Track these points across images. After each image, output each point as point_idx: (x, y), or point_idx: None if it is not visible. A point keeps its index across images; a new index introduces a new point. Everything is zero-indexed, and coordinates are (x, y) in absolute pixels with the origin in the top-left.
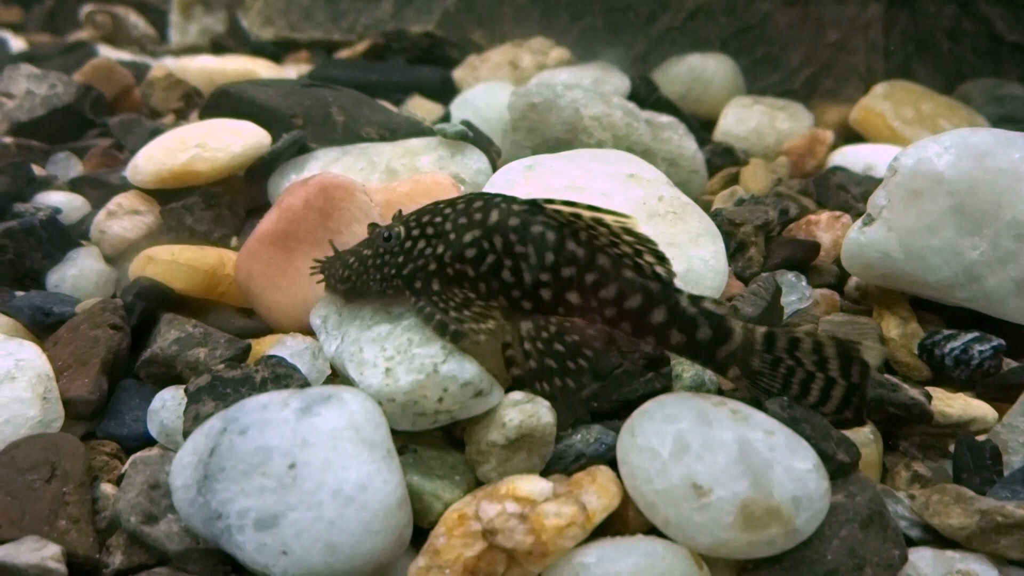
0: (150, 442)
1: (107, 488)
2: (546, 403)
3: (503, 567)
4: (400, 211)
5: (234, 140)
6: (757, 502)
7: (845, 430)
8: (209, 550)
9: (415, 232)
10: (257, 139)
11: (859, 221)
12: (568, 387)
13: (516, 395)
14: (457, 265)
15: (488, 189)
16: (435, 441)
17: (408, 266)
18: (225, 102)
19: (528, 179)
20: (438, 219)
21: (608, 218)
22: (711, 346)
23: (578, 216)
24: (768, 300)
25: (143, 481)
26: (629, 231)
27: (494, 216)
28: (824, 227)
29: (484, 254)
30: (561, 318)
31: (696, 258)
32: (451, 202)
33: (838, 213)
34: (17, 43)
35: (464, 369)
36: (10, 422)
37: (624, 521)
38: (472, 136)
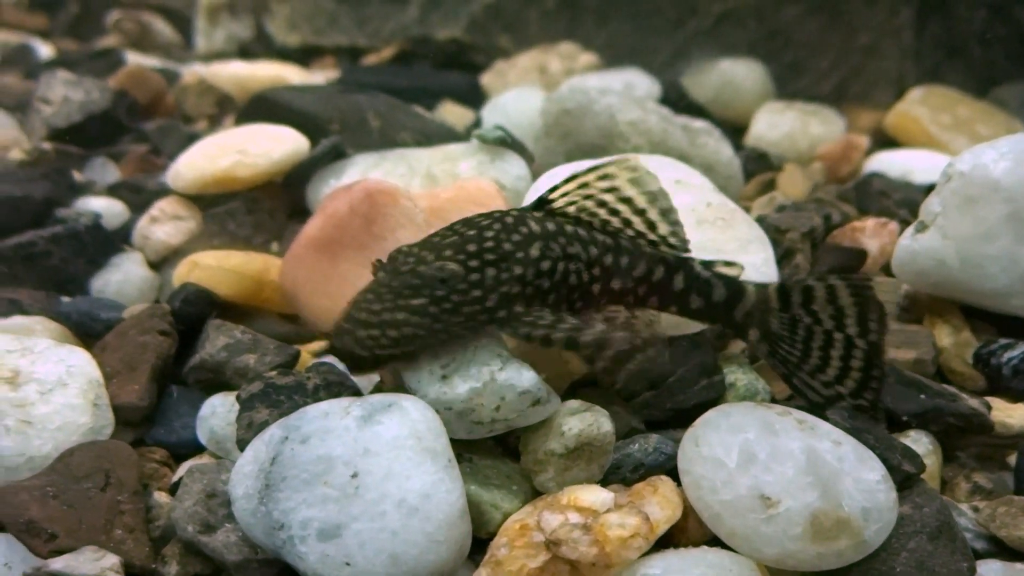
0: (199, 449)
1: (160, 496)
2: (605, 412)
3: None
4: (379, 260)
5: (274, 146)
6: (827, 513)
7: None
8: (267, 560)
9: (474, 263)
10: (297, 145)
11: (911, 228)
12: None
13: (574, 403)
14: (536, 281)
15: (533, 195)
16: (489, 450)
17: (491, 297)
18: (262, 108)
19: None
20: (489, 243)
21: (613, 170)
22: (728, 307)
23: (586, 188)
24: None
25: (200, 490)
26: (634, 174)
27: (536, 226)
28: (870, 234)
29: (555, 263)
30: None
31: (747, 265)
32: (479, 225)
33: (884, 220)
34: (45, 49)
35: (522, 377)
36: (62, 429)
37: (683, 532)
38: (511, 141)
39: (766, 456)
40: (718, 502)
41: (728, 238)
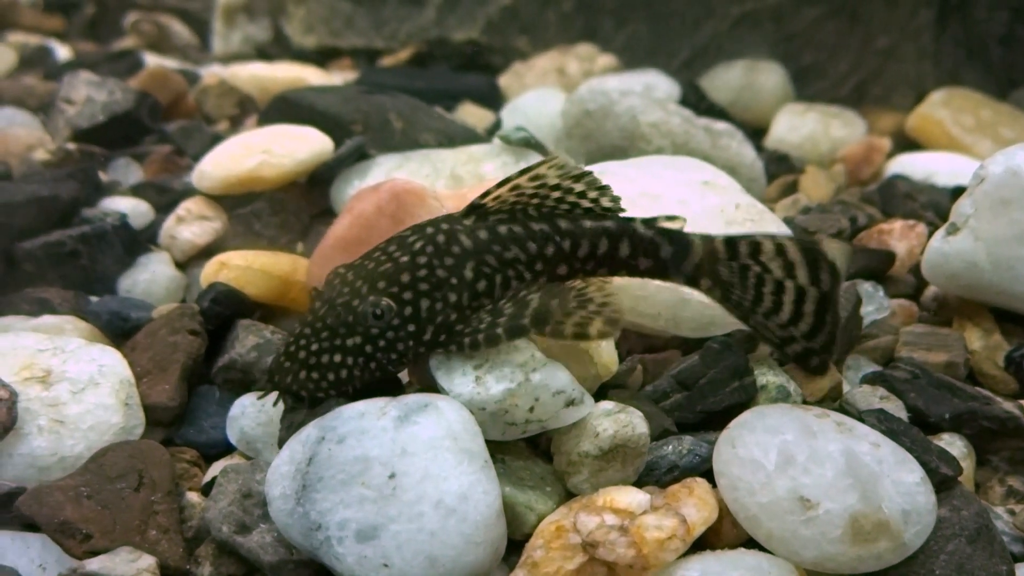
0: (229, 449)
1: (192, 497)
2: (639, 412)
3: None
4: (315, 289)
5: (299, 146)
6: (867, 516)
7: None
8: (303, 561)
9: (408, 296)
10: (321, 145)
11: (942, 230)
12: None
13: (608, 404)
14: (474, 303)
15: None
16: (521, 451)
17: (428, 330)
18: (284, 108)
19: None
20: (422, 272)
21: (543, 171)
22: (676, 262)
23: (518, 189)
24: (850, 310)
25: (235, 490)
26: (561, 171)
27: (468, 240)
28: (898, 236)
29: (491, 279)
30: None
31: None
32: (412, 249)
33: (912, 222)
34: (62, 51)
35: (556, 378)
36: (94, 428)
37: (717, 535)
38: (534, 142)
39: (805, 458)
40: (756, 504)
41: None
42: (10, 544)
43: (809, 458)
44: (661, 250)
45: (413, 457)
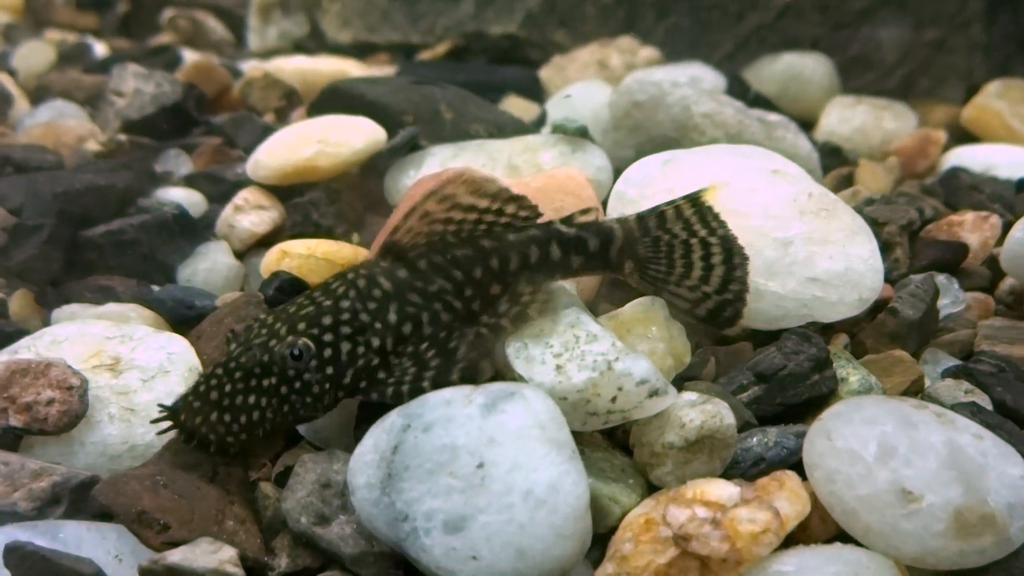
0: (296, 439)
1: (265, 487)
2: (725, 403)
3: (695, 575)
4: (232, 331)
5: (354, 135)
6: (971, 509)
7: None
8: (384, 553)
9: (328, 338)
10: (375, 135)
11: (1022, 221)
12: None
13: (691, 395)
14: (398, 348)
15: (622, 186)
16: (599, 443)
17: (347, 374)
18: (334, 99)
19: (666, 174)
20: (345, 315)
21: (451, 190)
22: (603, 252)
23: (428, 216)
24: (927, 303)
25: (314, 480)
26: (472, 188)
27: (387, 282)
28: (970, 228)
29: (416, 318)
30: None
31: (855, 257)
32: (335, 294)
33: (984, 214)
34: (100, 47)
35: (639, 367)
36: None
37: (805, 529)
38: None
39: (906, 449)
40: (854, 497)
41: (834, 228)
42: (86, 534)
43: (911, 449)
44: (589, 244)
45: (501, 446)
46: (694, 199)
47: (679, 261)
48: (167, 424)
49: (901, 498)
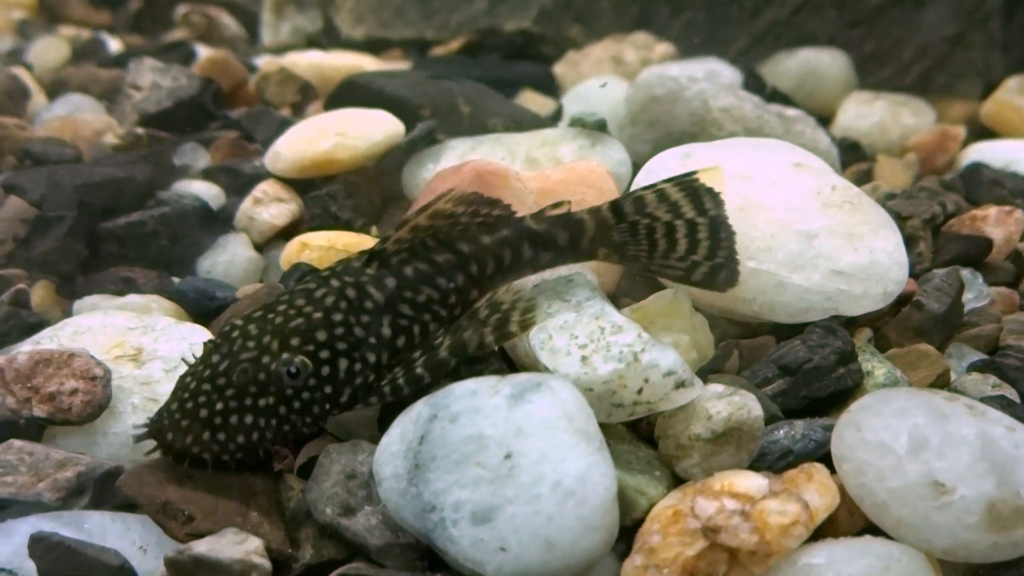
0: (320, 430)
1: (289, 478)
2: (752, 395)
3: (724, 567)
4: (211, 341)
5: (373, 128)
6: (1005, 501)
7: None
8: (410, 544)
9: (325, 355)
10: (394, 128)
11: None
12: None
13: (718, 387)
14: (392, 361)
15: (643, 178)
16: (623, 435)
17: (344, 391)
18: (352, 93)
19: (687, 167)
20: (339, 330)
21: (440, 206)
22: (574, 244)
23: (409, 224)
24: (952, 296)
25: (339, 471)
26: (449, 200)
27: (377, 292)
28: (993, 222)
29: (409, 330)
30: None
31: (880, 250)
32: (324, 304)
33: (1008, 208)
34: (114, 44)
35: (666, 358)
36: None
37: (832, 523)
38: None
39: (938, 442)
40: (885, 490)
41: (858, 222)
42: (111, 525)
43: (943, 442)
44: (558, 239)
45: (530, 437)
46: (685, 182)
47: (661, 240)
48: (152, 444)
49: (933, 491)
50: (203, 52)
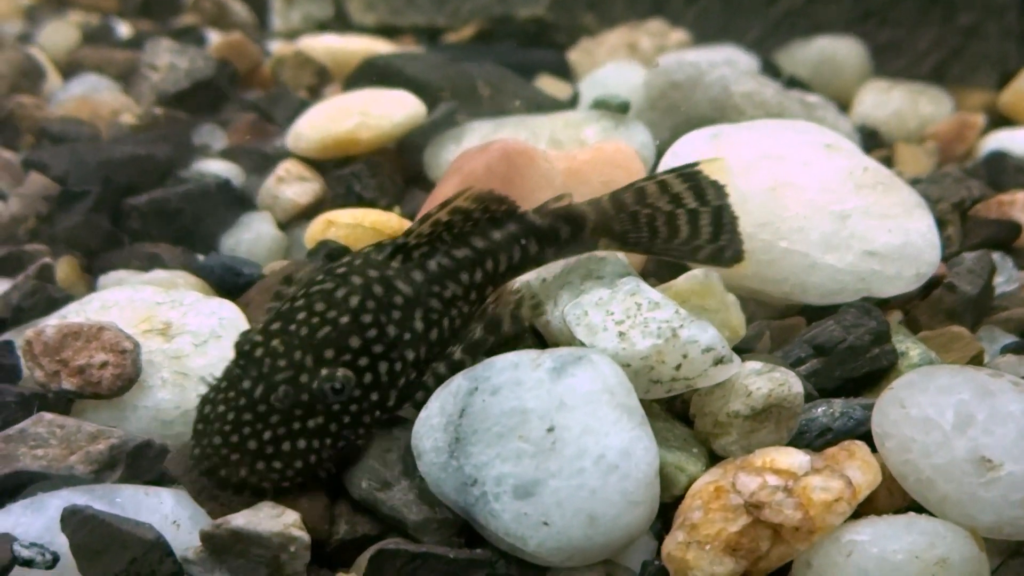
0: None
1: None
2: (792, 371)
3: (767, 544)
4: (227, 365)
5: (396, 108)
6: None
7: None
8: (447, 520)
9: (363, 362)
10: (416, 108)
11: None
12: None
13: (756, 364)
14: (428, 356)
15: (669, 159)
16: (658, 412)
17: (391, 394)
18: (372, 74)
19: (716, 148)
20: (372, 332)
21: (459, 203)
22: (575, 236)
23: (431, 219)
24: (984, 279)
25: (375, 445)
26: (467, 198)
27: (406, 286)
28: (1021, 208)
29: (440, 324)
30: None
31: (914, 231)
32: (348, 306)
33: None
34: (123, 28)
35: (705, 334)
36: None
37: (871, 501)
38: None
39: (985, 417)
40: (930, 466)
41: (892, 203)
42: (144, 499)
43: (989, 417)
44: (561, 233)
45: (572, 410)
46: (688, 173)
47: (663, 228)
48: (210, 481)
49: (980, 467)
50: (213, 38)
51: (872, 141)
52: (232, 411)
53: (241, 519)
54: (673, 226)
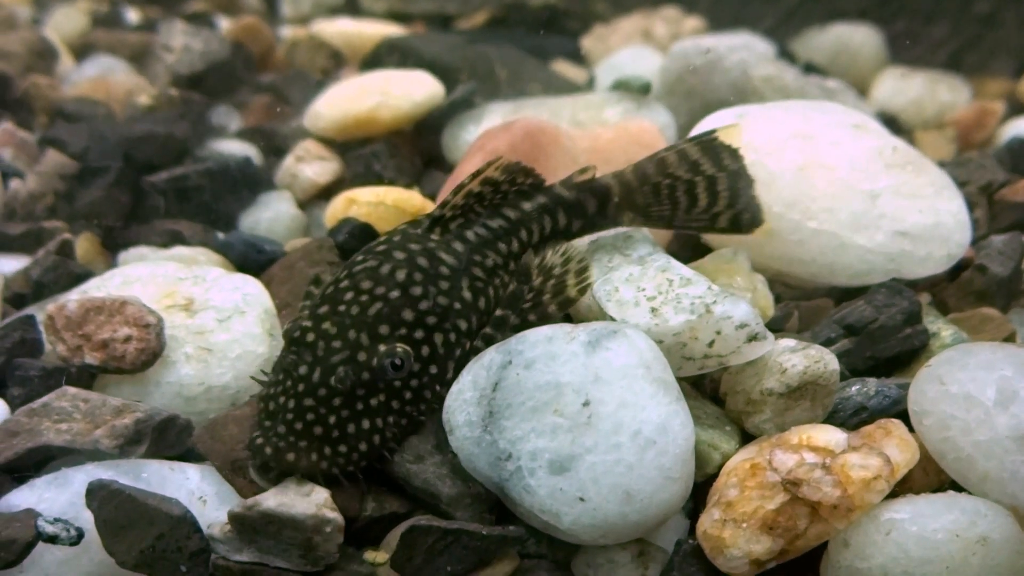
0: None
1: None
2: (827, 348)
3: (805, 522)
4: (280, 357)
5: (416, 88)
6: None
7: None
8: (479, 495)
9: (419, 334)
10: (435, 89)
11: None
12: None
13: (790, 341)
14: (478, 327)
15: None
16: (686, 391)
17: (448, 366)
18: (390, 55)
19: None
20: (424, 304)
21: (490, 173)
22: (602, 210)
23: (464, 190)
24: (1016, 261)
25: None
26: (497, 168)
27: (449, 256)
28: None
29: (486, 292)
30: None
31: (945, 212)
32: (396, 280)
33: None
34: (132, 14)
35: (739, 310)
36: (242, 358)
37: (906, 481)
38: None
39: None
40: (971, 443)
41: (923, 183)
42: (169, 475)
43: None
44: (588, 207)
45: (608, 384)
46: (705, 141)
47: (683, 197)
48: (276, 472)
49: (1022, 444)
50: (224, 24)
51: (891, 128)
52: (292, 399)
53: (272, 500)
54: (692, 195)
